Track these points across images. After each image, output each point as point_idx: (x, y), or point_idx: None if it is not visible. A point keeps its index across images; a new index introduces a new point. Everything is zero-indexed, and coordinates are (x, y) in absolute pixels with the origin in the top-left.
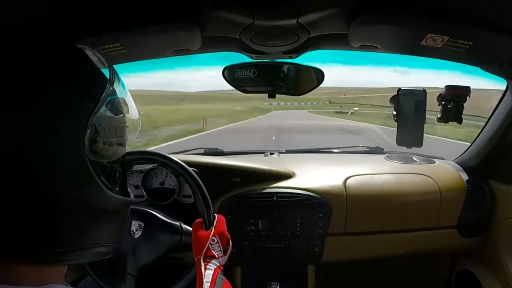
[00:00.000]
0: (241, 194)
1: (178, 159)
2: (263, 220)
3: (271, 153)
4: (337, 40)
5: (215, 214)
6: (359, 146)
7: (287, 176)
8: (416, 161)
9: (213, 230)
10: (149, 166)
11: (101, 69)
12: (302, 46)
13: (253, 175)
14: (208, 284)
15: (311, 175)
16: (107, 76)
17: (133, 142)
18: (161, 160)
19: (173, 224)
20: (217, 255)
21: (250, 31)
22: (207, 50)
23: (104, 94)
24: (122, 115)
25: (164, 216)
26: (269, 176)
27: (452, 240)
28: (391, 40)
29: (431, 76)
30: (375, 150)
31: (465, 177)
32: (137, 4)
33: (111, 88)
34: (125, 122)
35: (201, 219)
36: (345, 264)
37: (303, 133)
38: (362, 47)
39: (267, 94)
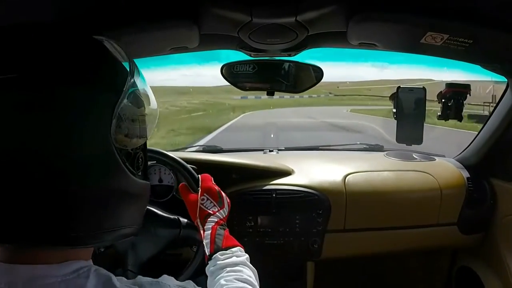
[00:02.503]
0: (240, 191)
1: (176, 156)
2: (262, 216)
3: (270, 150)
4: (336, 38)
5: (198, 176)
6: (358, 143)
7: (286, 173)
8: (416, 159)
9: (199, 190)
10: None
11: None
12: (300, 44)
13: (252, 172)
14: (208, 245)
15: (311, 172)
16: (126, 67)
17: (152, 130)
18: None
19: (171, 218)
20: (212, 211)
21: (249, 29)
22: (205, 48)
23: (126, 85)
24: (142, 105)
25: (162, 211)
26: (268, 173)
27: (452, 237)
28: (390, 38)
29: (408, 70)
30: (375, 148)
31: (465, 174)
32: (135, 1)
33: (132, 79)
34: (145, 111)
35: (184, 183)
36: (344, 260)
37: None
38: (361, 45)
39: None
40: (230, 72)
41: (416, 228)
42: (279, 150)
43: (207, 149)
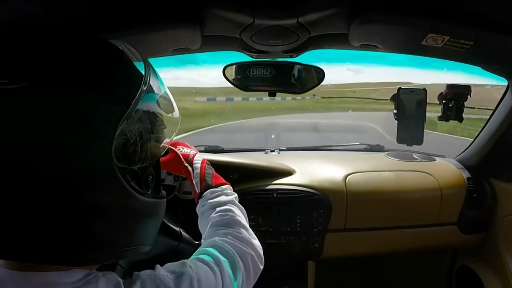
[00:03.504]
0: (242, 191)
1: None
2: (264, 216)
3: (272, 151)
4: (338, 40)
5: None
6: (359, 144)
7: (288, 173)
8: (416, 159)
9: (170, 149)
10: None
11: (136, 65)
12: (302, 46)
13: (253, 172)
14: (198, 183)
15: (312, 172)
16: (142, 71)
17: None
18: None
19: (174, 229)
20: (193, 153)
21: (251, 31)
22: (208, 49)
23: (136, 97)
24: (158, 115)
25: (166, 219)
26: (270, 173)
27: (452, 237)
28: (391, 40)
29: (384, 72)
30: (376, 148)
31: (465, 174)
32: (137, 3)
33: (145, 88)
34: (161, 123)
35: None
36: (345, 260)
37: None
38: (363, 47)
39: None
40: (242, 73)
41: (417, 228)
42: (280, 150)
43: (208, 149)
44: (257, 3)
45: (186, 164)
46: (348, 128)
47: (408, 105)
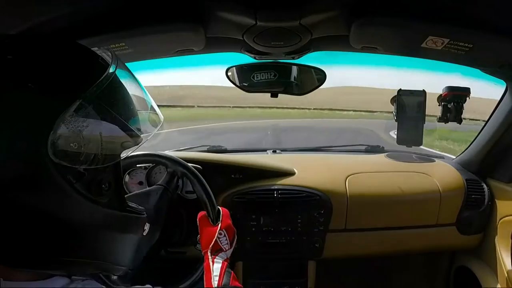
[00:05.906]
0: (244, 191)
1: (181, 157)
2: (265, 216)
3: (273, 151)
4: (339, 42)
5: (219, 208)
6: (359, 144)
7: (289, 173)
8: (416, 160)
9: (220, 224)
10: None
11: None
12: (304, 47)
13: (255, 172)
14: (217, 278)
15: (313, 173)
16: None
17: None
18: (161, 161)
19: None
20: (224, 248)
21: (253, 32)
22: (211, 51)
23: (86, 94)
24: (117, 118)
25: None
26: (271, 173)
27: (451, 237)
28: (391, 42)
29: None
30: (376, 149)
31: (464, 176)
32: (142, 4)
33: (99, 87)
34: (119, 126)
35: (204, 212)
36: (345, 260)
37: None
38: (363, 49)
39: None
40: (245, 75)
41: (416, 229)
42: (282, 150)
43: (211, 149)
44: (260, 5)
45: (209, 254)
46: None
47: (408, 107)
